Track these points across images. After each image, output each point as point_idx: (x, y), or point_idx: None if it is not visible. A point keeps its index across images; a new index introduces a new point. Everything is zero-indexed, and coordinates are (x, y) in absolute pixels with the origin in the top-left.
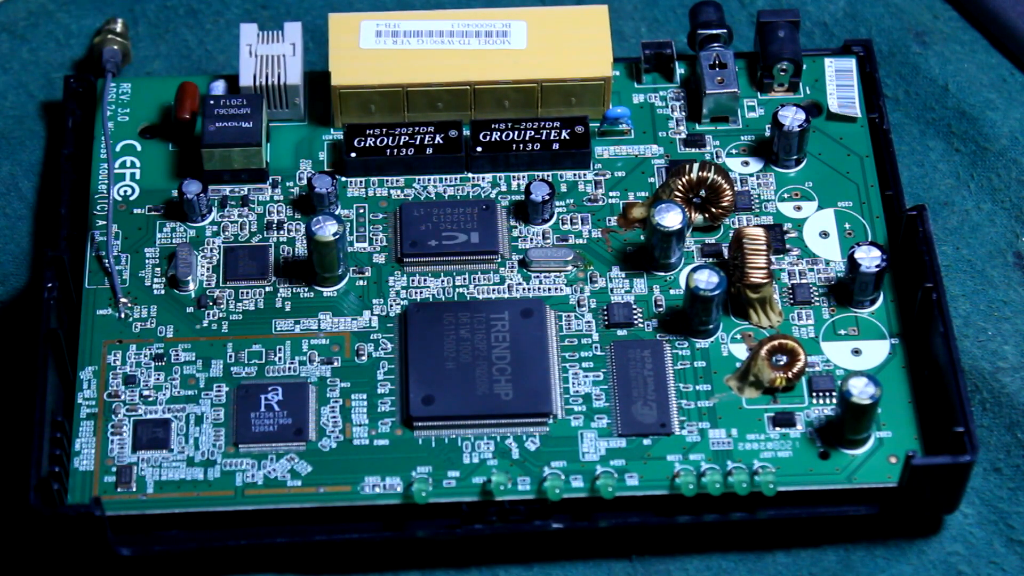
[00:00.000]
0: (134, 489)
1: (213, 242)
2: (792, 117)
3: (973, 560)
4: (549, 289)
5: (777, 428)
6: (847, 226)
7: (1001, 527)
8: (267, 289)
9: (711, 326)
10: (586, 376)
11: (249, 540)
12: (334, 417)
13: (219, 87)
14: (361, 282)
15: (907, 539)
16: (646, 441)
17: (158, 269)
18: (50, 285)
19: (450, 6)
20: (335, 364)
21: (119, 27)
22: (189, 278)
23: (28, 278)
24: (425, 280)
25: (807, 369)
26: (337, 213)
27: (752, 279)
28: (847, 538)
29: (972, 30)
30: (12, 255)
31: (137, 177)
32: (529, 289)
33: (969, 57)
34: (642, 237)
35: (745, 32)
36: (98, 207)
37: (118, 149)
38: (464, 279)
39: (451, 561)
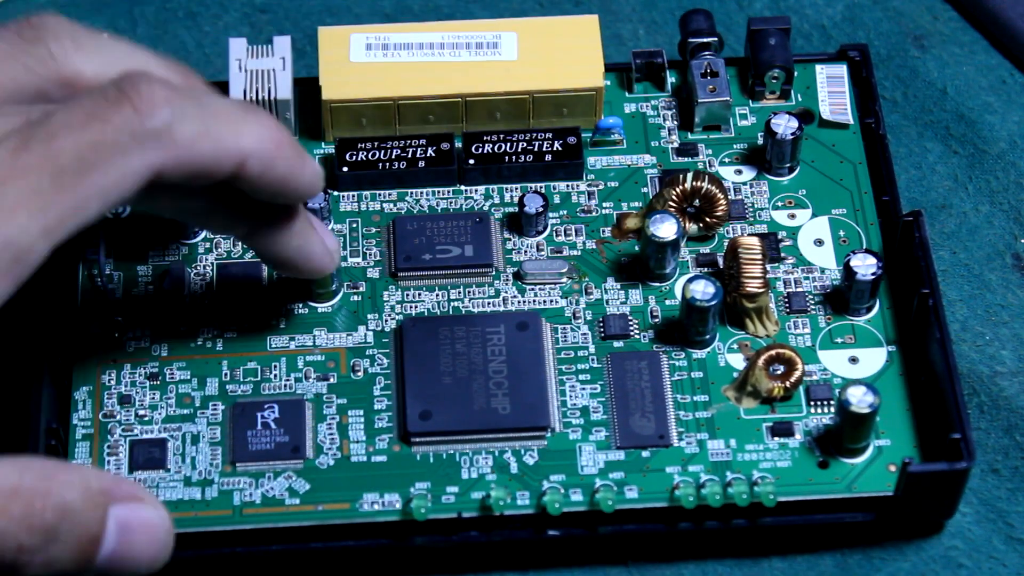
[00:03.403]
0: None
1: (206, 259)
2: (785, 125)
3: (973, 555)
4: (544, 301)
5: (776, 438)
6: (841, 233)
7: (1000, 525)
8: (261, 306)
9: (707, 336)
10: (583, 389)
11: (245, 548)
12: (331, 434)
13: None
14: (355, 297)
15: (905, 539)
16: (645, 453)
17: (151, 287)
18: (44, 293)
19: (451, 13)
20: (331, 380)
21: None
22: (183, 295)
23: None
24: (420, 294)
25: (804, 378)
26: (330, 228)
27: (748, 288)
28: (844, 544)
29: (972, 30)
30: None
31: None
32: (524, 302)
33: (968, 59)
34: (636, 248)
35: (744, 34)
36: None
37: None
38: (459, 292)
39: (449, 569)
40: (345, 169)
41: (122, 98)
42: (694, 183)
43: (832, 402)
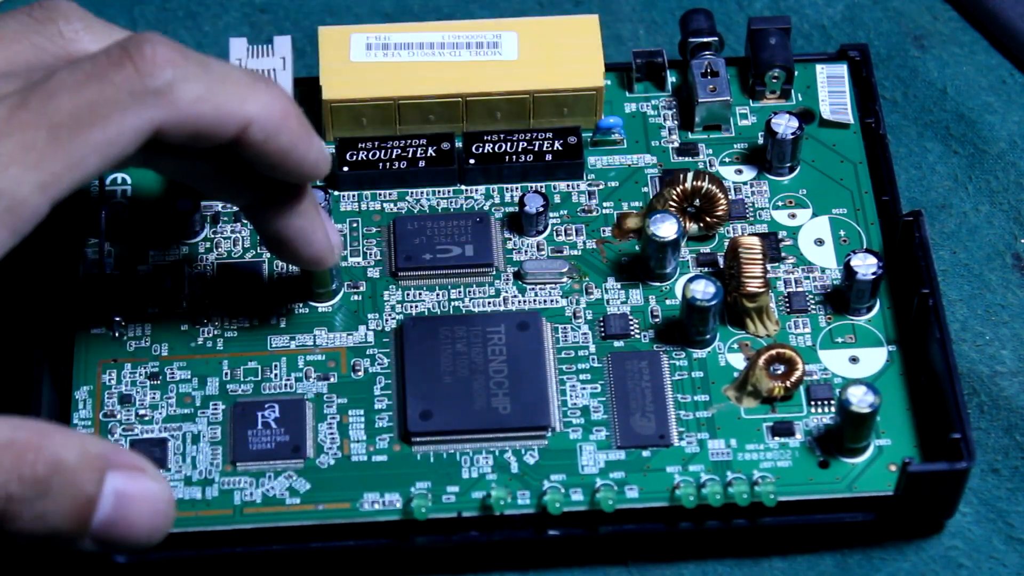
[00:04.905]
0: None
1: (207, 259)
2: (786, 125)
3: (973, 555)
4: (545, 301)
5: (776, 437)
6: (842, 233)
7: (1000, 525)
8: (262, 305)
9: (708, 336)
10: (584, 388)
11: (245, 548)
12: (332, 434)
13: None
14: (356, 297)
15: (905, 539)
16: (645, 453)
17: (151, 287)
18: (44, 293)
19: (450, 13)
20: (332, 380)
21: None
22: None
23: (22, 286)
24: (420, 294)
25: (805, 378)
26: None
27: (748, 288)
28: (844, 544)
29: (972, 31)
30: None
31: (129, 195)
32: (525, 301)
33: (968, 59)
34: (637, 247)
35: (744, 34)
36: (90, 224)
37: None
38: (459, 292)
39: (449, 569)
40: (345, 169)
41: (124, 57)
42: (694, 183)
43: (832, 402)
